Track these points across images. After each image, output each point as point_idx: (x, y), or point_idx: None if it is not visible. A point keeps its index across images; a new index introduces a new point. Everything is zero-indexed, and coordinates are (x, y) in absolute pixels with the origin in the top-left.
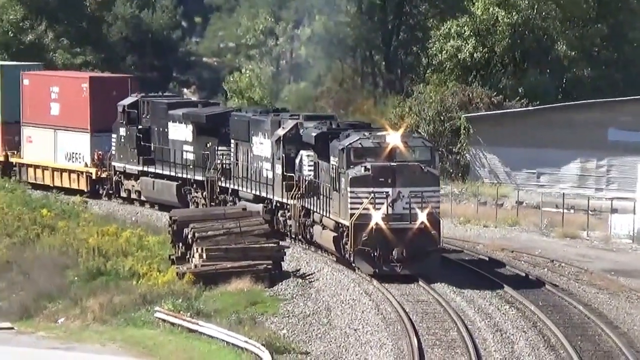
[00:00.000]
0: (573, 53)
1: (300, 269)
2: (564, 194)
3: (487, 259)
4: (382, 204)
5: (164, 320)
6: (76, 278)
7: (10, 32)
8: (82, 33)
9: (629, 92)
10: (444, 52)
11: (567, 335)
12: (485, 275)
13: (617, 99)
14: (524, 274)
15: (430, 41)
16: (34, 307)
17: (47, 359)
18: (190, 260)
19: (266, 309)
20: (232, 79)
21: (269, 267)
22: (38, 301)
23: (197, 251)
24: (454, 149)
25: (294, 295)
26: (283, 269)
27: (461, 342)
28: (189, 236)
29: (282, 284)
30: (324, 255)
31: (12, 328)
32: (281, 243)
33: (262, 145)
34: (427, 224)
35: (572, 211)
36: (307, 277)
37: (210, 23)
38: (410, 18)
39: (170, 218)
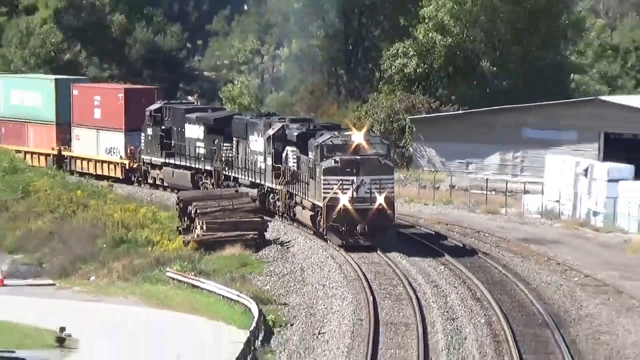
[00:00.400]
0: (494, 69)
1: (280, 238)
2: (487, 179)
3: (433, 233)
4: (349, 189)
5: (173, 278)
6: (104, 245)
7: (52, 52)
8: (108, 52)
9: (537, 100)
10: (393, 67)
11: (489, 290)
12: (428, 245)
13: (528, 104)
14: (458, 244)
15: (382, 59)
16: (71, 268)
17: (81, 309)
18: (193, 231)
19: (253, 270)
20: (226, 89)
21: (255, 236)
22: (74, 263)
23: (198, 224)
24: (400, 144)
25: (275, 259)
26: (266, 238)
27: (406, 295)
28: (192, 212)
29: (265, 250)
30: (303, 229)
31: (54, 284)
32: (265, 218)
33: (256, 142)
34: (384, 205)
35: (493, 193)
36: (286, 245)
37: (209, 45)
38: (366, 41)
39: (178, 198)
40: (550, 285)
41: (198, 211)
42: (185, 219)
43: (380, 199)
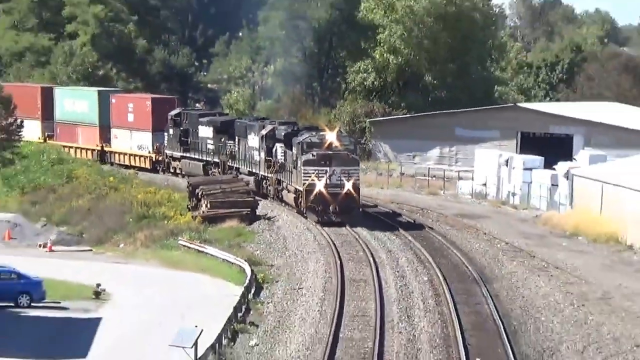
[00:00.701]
0: (435, 82)
1: (267, 214)
2: (429, 168)
3: (390, 211)
4: (323, 177)
5: (184, 245)
6: (130, 219)
7: (89, 69)
8: (133, 69)
9: (468, 106)
10: (355, 81)
11: (431, 255)
12: (386, 220)
13: (460, 110)
14: (408, 219)
15: (347, 74)
16: (105, 238)
17: (113, 269)
18: (199, 208)
19: (246, 238)
20: (225, 98)
21: (249, 212)
22: (107, 234)
23: (204, 203)
24: (361, 141)
25: (264, 230)
26: (257, 214)
27: (366, 258)
28: (199, 194)
29: (256, 223)
30: (288, 208)
31: (91, 250)
32: (256, 198)
33: (253, 140)
34: (352, 190)
35: (434, 178)
36: (272, 219)
37: (212, 63)
38: (335, 60)
39: (188, 183)
40: (479, 250)
41: (203, 193)
42: (194, 199)
43: (348, 185)
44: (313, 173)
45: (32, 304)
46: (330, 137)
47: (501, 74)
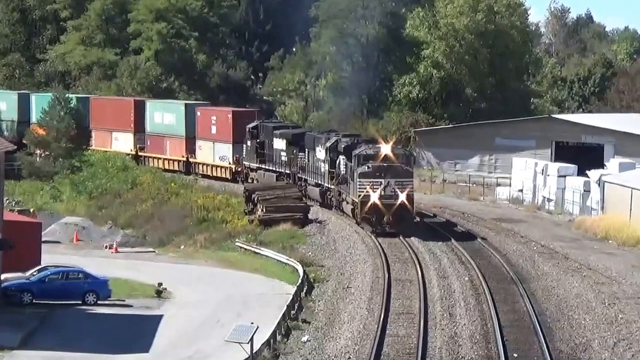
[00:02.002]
0: (475, 94)
1: (318, 218)
2: (469, 175)
3: (431, 214)
4: (378, 188)
5: (240, 247)
6: (191, 223)
7: (153, 82)
8: (194, 82)
9: (507, 117)
10: (401, 93)
11: (471, 256)
12: (428, 223)
13: (499, 120)
14: (451, 222)
15: (393, 87)
16: (166, 240)
17: (174, 269)
18: (255, 212)
19: (299, 241)
20: (280, 109)
21: (301, 216)
22: (169, 236)
23: (259, 207)
24: (407, 149)
25: (315, 233)
26: (309, 218)
27: (411, 260)
28: (255, 199)
29: (308, 227)
30: (347, 217)
31: (154, 251)
32: (308, 203)
33: (320, 152)
34: (405, 202)
35: (474, 185)
36: (323, 223)
37: (268, 77)
38: (382, 74)
39: (244, 188)
40: (516, 252)
41: (259, 198)
42: (250, 204)
43: (402, 197)
44: (368, 185)
45: (99, 302)
46: (385, 149)
47: (537, 87)
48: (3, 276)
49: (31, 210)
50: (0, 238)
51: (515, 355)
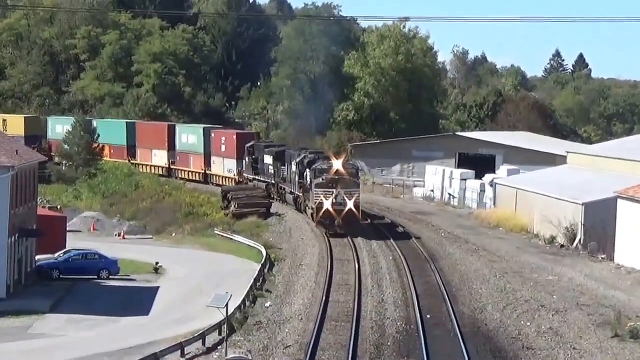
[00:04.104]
0: (397, 117)
1: (278, 212)
2: (393, 179)
3: (364, 210)
4: (330, 197)
5: (219, 235)
6: (180, 216)
7: (151, 109)
8: (182, 109)
9: (421, 134)
10: (340, 117)
11: (395, 241)
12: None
13: (416, 137)
14: (377, 214)
15: (334, 112)
16: (162, 229)
17: (168, 252)
18: (230, 208)
19: (263, 229)
20: (248, 129)
21: (265, 211)
22: (163, 226)
23: (233, 204)
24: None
25: (276, 224)
26: (271, 212)
27: (348, 243)
28: (229, 197)
29: (270, 219)
30: (305, 215)
31: (152, 238)
32: (270, 200)
33: (293, 166)
34: (353, 208)
35: (397, 187)
36: (282, 216)
37: (239, 104)
38: (326, 101)
39: (222, 190)
40: (429, 238)
41: (233, 197)
42: (225, 201)
43: (350, 204)
44: (322, 194)
45: (110, 277)
46: (337, 165)
47: (444, 112)
48: (37, 257)
49: (58, 207)
50: (35, 228)
51: (429, 316)
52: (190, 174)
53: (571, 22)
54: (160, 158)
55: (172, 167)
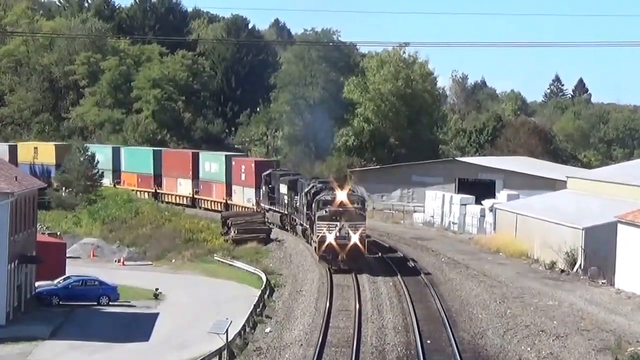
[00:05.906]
0: (397, 142)
1: (278, 238)
2: (392, 204)
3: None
4: (334, 230)
5: (218, 260)
6: (180, 242)
7: (150, 134)
8: (182, 135)
9: (421, 159)
10: (340, 142)
11: (396, 265)
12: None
13: (415, 162)
14: (376, 239)
15: (335, 137)
16: (161, 255)
17: (167, 277)
18: (229, 234)
19: (263, 255)
20: (248, 155)
21: (265, 237)
22: (163, 252)
23: (232, 230)
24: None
25: (275, 249)
26: (271, 237)
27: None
28: (229, 223)
29: (270, 244)
30: (296, 236)
31: (151, 264)
32: (270, 227)
33: (303, 197)
34: (358, 242)
35: (396, 212)
36: (282, 241)
37: (238, 130)
38: (325, 127)
39: (221, 216)
40: (429, 263)
41: (232, 222)
42: (225, 227)
43: (355, 238)
44: (325, 227)
45: (110, 303)
46: (341, 196)
47: (444, 137)
48: (37, 284)
49: (58, 233)
50: (34, 255)
51: (429, 341)
52: (213, 203)
53: (571, 47)
54: (185, 187)
55: (195, 196)
